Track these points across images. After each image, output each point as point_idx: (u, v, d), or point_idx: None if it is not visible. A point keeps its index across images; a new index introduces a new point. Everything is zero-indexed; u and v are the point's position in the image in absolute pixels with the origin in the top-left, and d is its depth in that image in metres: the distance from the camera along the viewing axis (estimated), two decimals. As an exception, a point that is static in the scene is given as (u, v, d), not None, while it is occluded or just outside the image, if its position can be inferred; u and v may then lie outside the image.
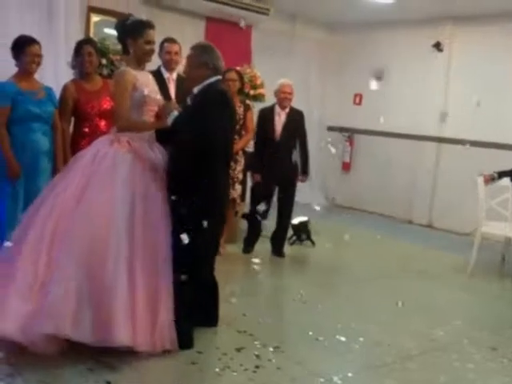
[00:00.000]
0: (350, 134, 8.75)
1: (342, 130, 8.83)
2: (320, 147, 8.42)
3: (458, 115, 7.59)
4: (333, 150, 7.56)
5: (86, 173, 3.06)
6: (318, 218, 6.75)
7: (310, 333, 3.63)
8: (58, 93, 4.30)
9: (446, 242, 7.01)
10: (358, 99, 8.70)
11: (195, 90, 3.25)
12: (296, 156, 5.41)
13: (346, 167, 8.86)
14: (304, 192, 8.55)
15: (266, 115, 5.39)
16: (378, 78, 8.39)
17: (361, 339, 3.63)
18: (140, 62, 3.26)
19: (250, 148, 5.52)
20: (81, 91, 4.21)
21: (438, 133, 7.83)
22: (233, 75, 5.13)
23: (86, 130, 4.19)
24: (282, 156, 5.29)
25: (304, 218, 6.06)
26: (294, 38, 8.36)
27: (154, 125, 3.27)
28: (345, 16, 8.08)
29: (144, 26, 3.21)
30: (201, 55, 3.24)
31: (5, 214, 3.88)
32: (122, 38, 3.26)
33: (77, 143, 4.14)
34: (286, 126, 5.36)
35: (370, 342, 3.61)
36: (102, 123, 4.18)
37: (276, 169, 5.27)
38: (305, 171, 5.48)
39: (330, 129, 9.01)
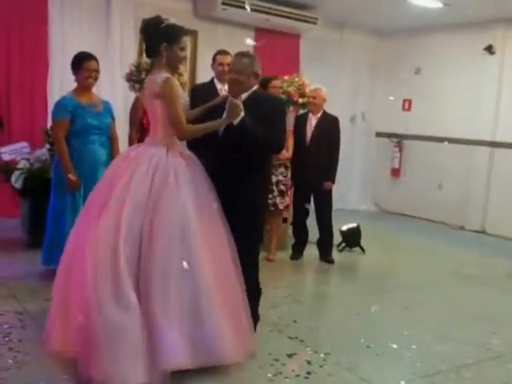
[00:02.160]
0: (399, 139, 8.67)
1: (390, 135, 8.77)
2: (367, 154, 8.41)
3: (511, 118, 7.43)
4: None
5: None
6: (367, 225, 6.72)
7: (362, 340, 3.63)
8: (113, 105, 4.49)
9: (500, 248, 6.85)
10: (408, 105, 8.62)
11: (243, 96, 3.31)
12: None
13: (396, 173, 8.77)
14: (353, 198, 8.57)
15: (300, 121, 5.48)
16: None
17: (413, 347, 3.60)
18: (173, 69, 3.12)
19: None
20: None
21: (491, 137, 7.66)
22: (276, 83, 5.30)
23: None
24: (312, 161, 5.29)
25: (353, 225, 6.05)
26: (343, 46, 8.37)
27: (217, 124, 3.16)
28: (393, 22, 8.03)
29: (180, 31, 3.08)
30: (253, 64, 3.34)
31: (66, 225, 4.03)
32: (154, 40, 3.05)
33: None
34: (316, 131, 5.38)
35: (423, 349, 3.57)
36: None
37: (307, 175, 5.31)
38: (330, 178, 5.41)
39: (379, 135, 8.95)
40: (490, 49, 7.56)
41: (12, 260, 4.65)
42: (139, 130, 4.47)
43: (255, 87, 3.38)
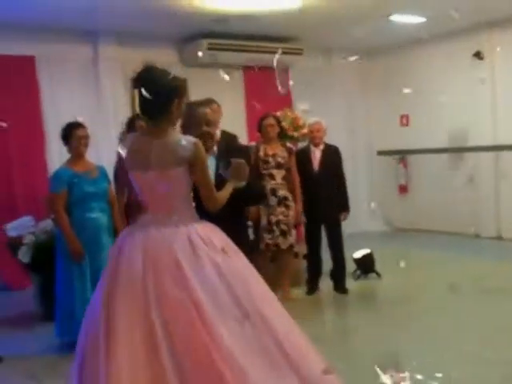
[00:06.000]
0: (401, 156, 8.63)
1: (392, 153, 8.74)
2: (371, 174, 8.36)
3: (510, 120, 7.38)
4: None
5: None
6: (380, 246, 6.65)
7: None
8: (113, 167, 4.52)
9: (519, 253, 6.73)
10: (405, 120, 8.61)
11: (215, 149, 3.28)
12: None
13: (403, 190, 8.71)
14: (363, 220, 8.50)
15: (303, 155, 5.51)
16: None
17: (439, 375, 3.49)
18: (173, 128, 2.67)
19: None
20: None
21: (492, 141, 7.62)
22: (271, 121, 5.28)
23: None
24: (321, 193, 5.35)
25: (366, 251, 5.97)
26: (332, 71, 8.42)
27: (230, 190, 2.79)
28: (379, 40, 8.08)
29: (185, 83, 2.68)
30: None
31: (75, 296, 4.05)
32: (166, 98, 2.53)
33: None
34: (322, 163, 5.44)
35: (450, 376, 3.45)
36: None
37: (318, 207, 5.34)
38: (345, 208, 5.51)
39: (381, 153, 8.93)
40: (478, 55, 7.58)
41: (28, 334, 4.65)
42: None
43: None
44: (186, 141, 2.54)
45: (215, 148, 3.25)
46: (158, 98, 2.51)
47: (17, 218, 5.23)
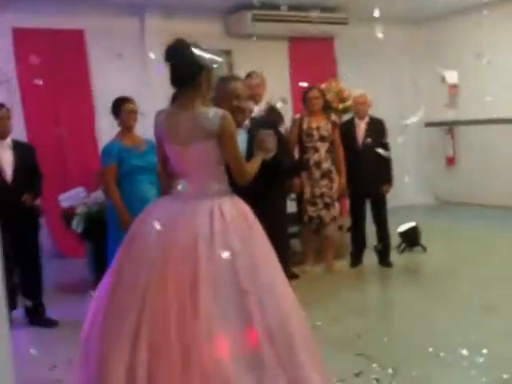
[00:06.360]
0: (449, 127, 8.43)
1: (440, 124, 8.54)
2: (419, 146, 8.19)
3: None
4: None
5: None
6: (427, 219, 6.58)
7: (430, 349, 3.54)
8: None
9: None
10: (454, 90, 8.37)
11: (245, 123, 3.26)
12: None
13: (451, 162, 8.53)
14: (407, 193, 8.38)
15: (347, 128, 5.47)
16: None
17: (484, 351, 3.48)
18: (204, 99, 2.64)
19: None
20: None
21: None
22: (315, 93, 5.25)
23: None
24: (366, 166, 5.30)
25: (411, 224, 5.93)
26: (379, 40, 8.20)
27: (259, 162, 2.76)
28: (426, 9, 7.83)
29: (215, 54, 2.67)
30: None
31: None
32: (194, 69, 2.55)
33: None
34: (366, 136, 5.38)
35: (495, 353, 3.44)
36: None
37: (362, 180, 5.31)
38: (388, 180, 5.43)
39: (429, 124, 8.74)
40: (533, 21, 7.27)
41: (81, 300, 4.81)
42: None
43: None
44: (213, 113, 2.52)
45: (247, 122, 3.26)
46: (185, 68, 2.54)
47: (69, 189, 5.42)
